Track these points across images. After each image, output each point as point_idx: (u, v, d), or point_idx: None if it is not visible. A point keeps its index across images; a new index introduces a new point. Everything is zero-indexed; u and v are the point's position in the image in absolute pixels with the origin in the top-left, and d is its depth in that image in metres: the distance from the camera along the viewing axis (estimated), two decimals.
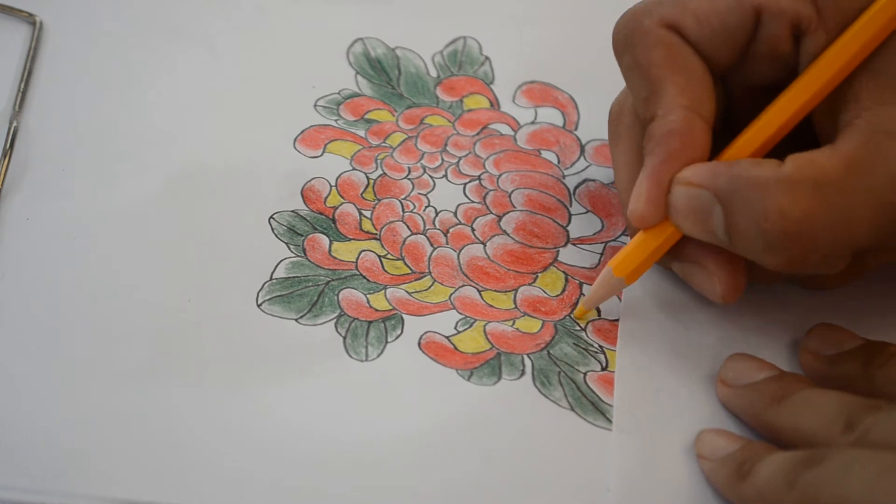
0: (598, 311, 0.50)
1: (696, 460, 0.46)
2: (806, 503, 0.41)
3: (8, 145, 0.53)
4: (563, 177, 0.55)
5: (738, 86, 0.49)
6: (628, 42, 0.48)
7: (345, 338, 0.49)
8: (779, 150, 0.46)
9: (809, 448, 0.43)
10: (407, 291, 0.50)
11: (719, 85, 0.48)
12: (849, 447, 0.42)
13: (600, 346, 0.49)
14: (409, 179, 0.54)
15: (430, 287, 0.51)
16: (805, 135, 0.47)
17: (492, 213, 0.53)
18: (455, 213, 0.53)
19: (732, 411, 0.47)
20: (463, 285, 0.51)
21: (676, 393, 0.48)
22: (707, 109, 0.47)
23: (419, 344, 0.49)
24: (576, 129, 0.56)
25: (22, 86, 0.55)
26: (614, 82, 0.52)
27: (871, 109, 0.45)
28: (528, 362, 0.48)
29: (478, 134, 0.56)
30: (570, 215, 0.53)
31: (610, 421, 0.47)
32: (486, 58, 0.58)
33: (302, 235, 0.52)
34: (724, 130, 0.48)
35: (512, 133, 0.56)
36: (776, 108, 0.47)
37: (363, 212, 0.53)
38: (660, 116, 0.46)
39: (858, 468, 0.41)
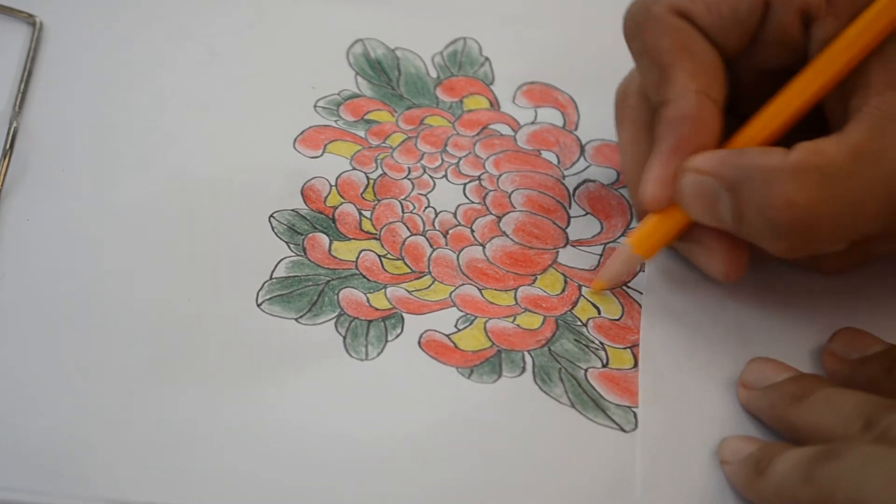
0: (598, 310, 0.50)
1: (716, 463, 0.46)
2: (822, 498, 0.41)
3: (8, 146, 0.53)
4: (563, 177, 0.54)
5: (746, 70, 0.49)
6: (638, 28, 0.48)
7: (345, 337, 0.49)
8: (789, 134, 0.47)
9: None
10: (407, 290, 0.50)
11: (726, 69, 0.49)
12: (866, 444, 0.42)
13: (601, 343, 0.49)
14: (409, 179, 0.54)
15: (430, 286, 0.50)
16: (816, 120, 0.47)
17: (491, 213, 0.53)
18: (455, 214, 0.53)
19: (753, 413, 0.47)
20: (463, 284, 0.51)
21: (699, 397, 0.48)
22: (718, 93, 0.47)
23: (419, 342, 0.49)
24: (576, 129, 0.56)
25: (22, 86, 0.55)
26: (614, 82, 0.53)
27: (881, 95, 0.45)
28: (528, 359, 0.48)
29: (478, 134, 0.56)
30: (570, 217, 0.53)
31: (610, 418, 0.47)
32: (486, 58, 0.58)
33: (302, 234, 0.52)
34: (730, 114, 0.48)
35: (512, 133, 0.56)
36: (786, 96, 0.47)
37: (363, 212, 0.53)
38: (671, 101, 0.47)
39: (876, 466, 0.40)
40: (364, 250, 0.51)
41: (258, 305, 0.49)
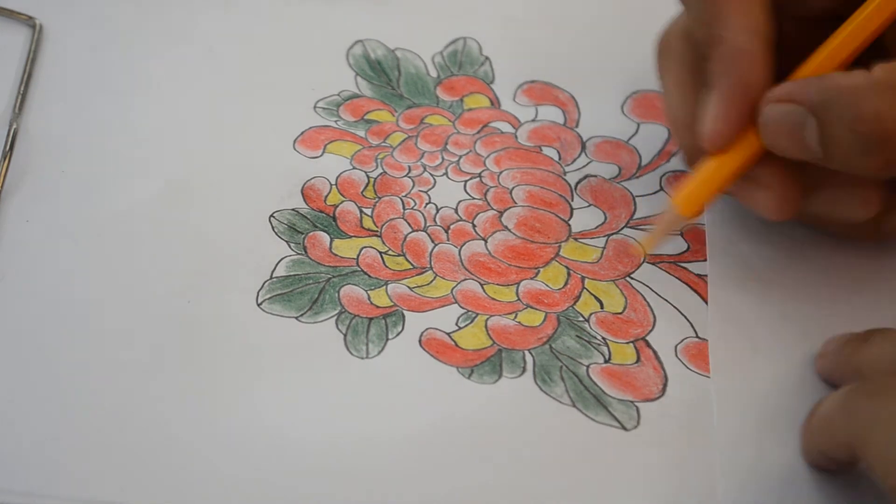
0: (601, 304, 0.50)
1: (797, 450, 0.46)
2: (857, 432, 0.42)
3: (8, 147, 0.53)
4: (565, 173, 0.54)
5: (791, 16, 0.49)
6: None
7: (345, 335, 0.48)
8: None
9: None
10: (408, 287, 0.50)
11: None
12: None
13: (603, 338, 0.49)
14: (409, 177, 0.54)
15: (431, 282, 0.50)
16: (873, 56, 0.47)
17: (493, 208, 0.53)
18: (456, 210, 0.53)
19: (830, 379, 0.48)
20: (464, 279, 0.51)
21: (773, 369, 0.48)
22: (769, 32, 0.47)
23: (420, 341, 0.48)
24: (576, 126, 0.56)
25: (22, 88, 0.55)
26: (615, 81, 0.53)
27: None
28: (529, 359, 0.48)
29: (478, 132, 0.56)
30: (572, 209, 0.53)
31: (612, 415, 0.47)
32: (486, 58, 0.58)
33: (302, 233, 0.51)
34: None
35: (513, 131, 0.56)
36: (856, 23, 0.47)
37: (364, 209, 0.53)
38: (727, 39, 0.47)
39: None
40: (365, 247, 0.51)
41: (258, 305, 0.49)
